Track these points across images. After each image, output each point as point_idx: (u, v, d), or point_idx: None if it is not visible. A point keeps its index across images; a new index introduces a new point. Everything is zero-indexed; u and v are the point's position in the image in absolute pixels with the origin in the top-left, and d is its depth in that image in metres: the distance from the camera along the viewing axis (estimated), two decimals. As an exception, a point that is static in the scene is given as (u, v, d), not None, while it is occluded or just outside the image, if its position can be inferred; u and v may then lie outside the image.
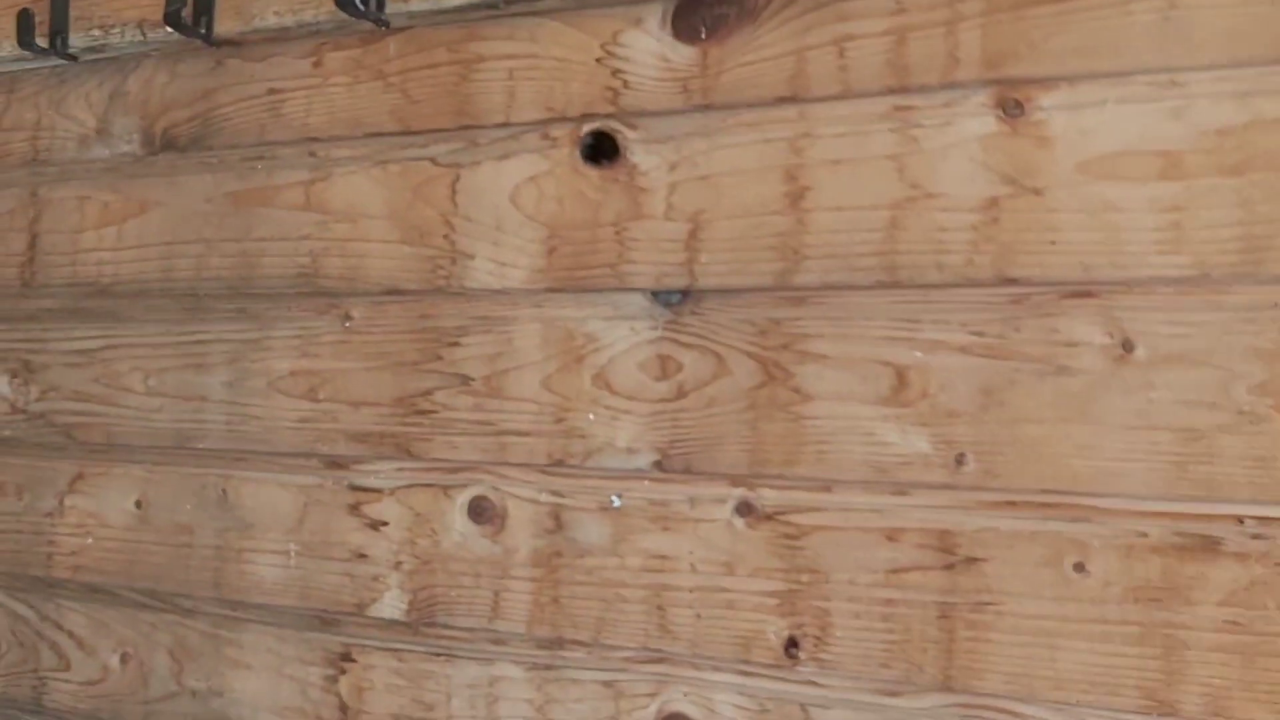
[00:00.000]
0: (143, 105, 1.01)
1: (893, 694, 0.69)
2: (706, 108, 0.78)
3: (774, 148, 0.75)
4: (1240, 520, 0.62)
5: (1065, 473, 0.66)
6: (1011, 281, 0.68)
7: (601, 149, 0.81)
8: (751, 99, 0.76)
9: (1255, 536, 0.62)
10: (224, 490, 0.94)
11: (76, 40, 1.01)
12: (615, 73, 0.81)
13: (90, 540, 1.00)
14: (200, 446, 0.95)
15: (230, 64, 0.97)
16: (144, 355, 0.99)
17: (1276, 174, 0.62)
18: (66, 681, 1.00)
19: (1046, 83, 0.68)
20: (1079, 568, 0.65)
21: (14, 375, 1.05)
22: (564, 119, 0.82)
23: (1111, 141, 0.66)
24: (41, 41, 1.01)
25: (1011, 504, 0.67)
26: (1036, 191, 0.68)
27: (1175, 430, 0.64)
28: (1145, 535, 0.64)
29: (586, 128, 0.81)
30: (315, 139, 0.92)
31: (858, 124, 0.73)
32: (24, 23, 1.01)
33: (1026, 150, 0.68)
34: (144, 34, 0.97)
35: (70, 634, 1.00)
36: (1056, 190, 0.67)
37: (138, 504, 0.98)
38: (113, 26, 0.99)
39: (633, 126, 0.80)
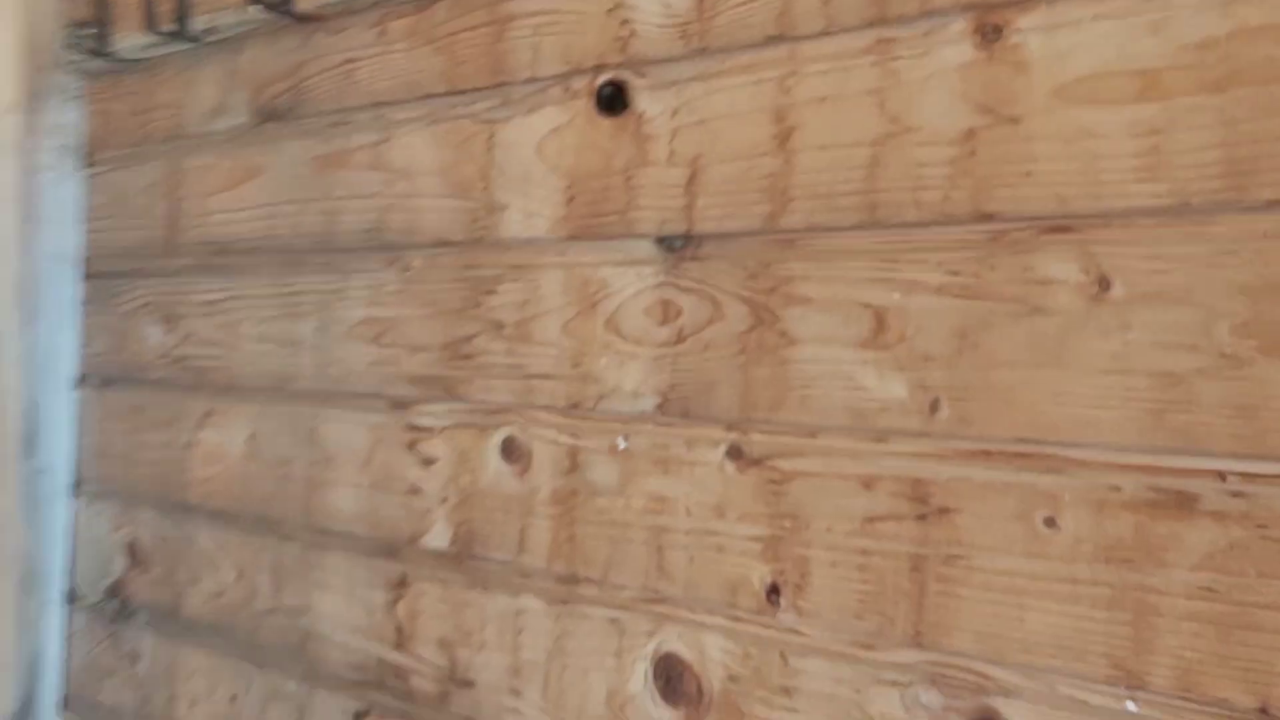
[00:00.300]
0: (250, 80, 1.09)
1: (867, 647, 0.67)
2: (703, 52, 0.76)
3: (764, 89, 0.73)
4: (1222, 476, 0.56)
5: (1039, 420, 0.61)
6: (988, 217, 0.63)
7: (617, 99, 0.81)
8: (744, 41, 0.74)
9: (1236, 494, 0.55)
10: (313, 428, 1.01)
11: (196, 24, 1.11)
12: (624, 22, 0.80)
13: (215, 470, 1.11)
14: (295, 388, 1.03)
15: (315, 38, 1.03)
16: (254, 306, 1.08)
17: (1262, 88, 0.54)
18: (198, 593, 1.12)
19: (1025, 4, 0.62)
20: (1050, 522, 0.61)
21: (163, 324, 1.18)
22: (580, 71, 0.83)
23: (1089, 63, 0.60)
24: (167, 27, 1.12)
25: (985, 453, 0.63)
26: (1013, 120, 0.62)
27: (1152, 375, 0.58)
28: (1118, 489, 0.59)
29: (599, 79, 0.82)
30: (382, 103, 0.97)
31: (841, 59, 0.69)
32: (150, 10, 1.12)
33: (1004, 77, 0.63)
34: (243, 14, 1.05)
35: (202, 552, 1.12)
36: (1033, 118, 0.62)
37: (250, 439, 1.08)
38: (220, 9, 1.08)
39: (640, 75, 0.79)
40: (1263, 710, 0.54)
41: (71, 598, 1.28)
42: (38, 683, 1.28)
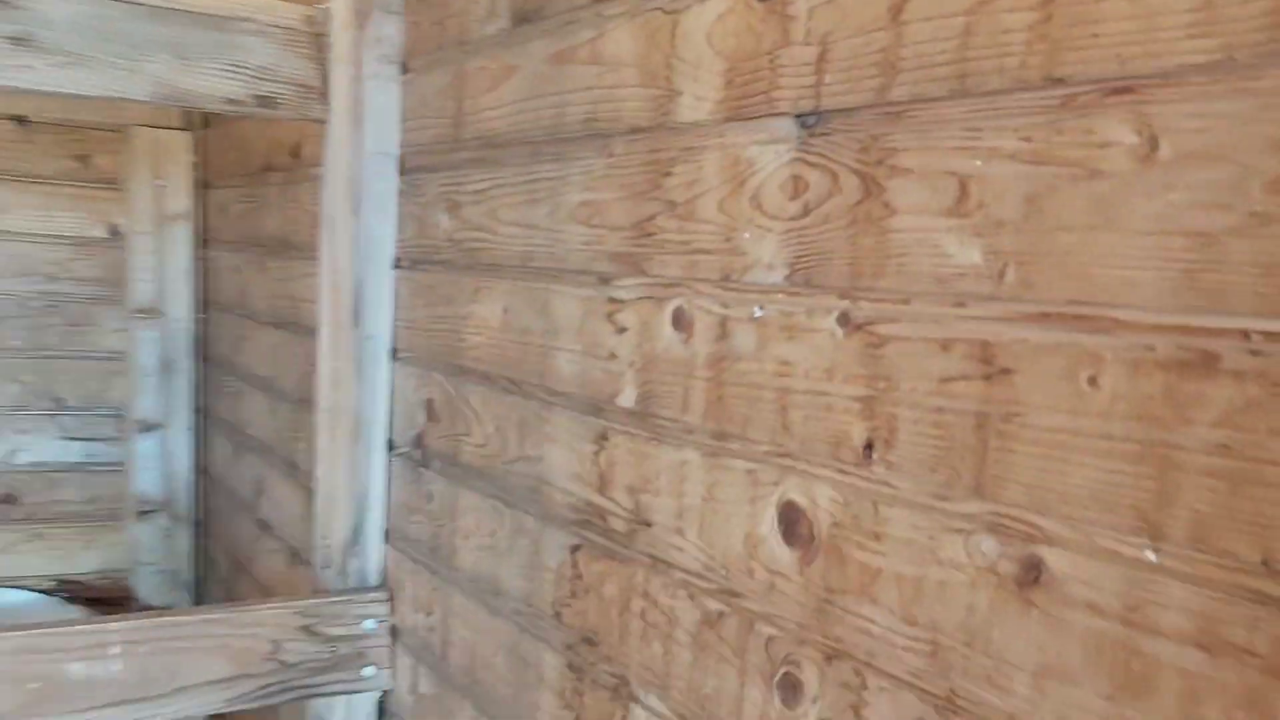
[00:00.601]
0: (508, -14, 1.28)
1: (941, 498, 0.74)
2: (836, -70, 0.83)
3: (881, -37, 0.79)
4: (1245, 335, 0.57)
5: (1090, 282, 0.65)
6: (1058, 82, 0.67)
7: (770, -17, 0.90)
8: (868, -84, 0.80)
9: (1255, 353, 0.57)
10: (545, 301, 1.20)
11: (470, -62, 1.31)
12: (776, -94, 0.88)
13: (480, 339, 1.34)
14: (533, 266, 1.23)
15: (555, -58, 1.19)
16: (508, 193, 1.28)
17: (1292, -71, 0.54)
18: (469, 443, 1.37)
19: None
20: (1092, 381, 0.65)
21: (448, 211, 1.42)
22: (742, -42, 0.92)
23: (1143, -86, 0.61)
24: (448, -56, 1.33)
25: (1042, 315, 0.68)
26: (1083, -20, 0.65)
27: (1188, 235, 0.60)
28: (1152, 349, 0.62)
29: (757, -36, 0.91)
30: (600, 1, 1.12)
31: (946, -72, 0.74)
32: (430, -69, 1.33)
33: (1076, -65, 0.65)
34: (496, -73, 1.23)
35: (472, 408, 1.36)
36: (1100, -24, 0.64)
37: (504, 311, 1.29)
38: (482, -76, 1.27)
39: (790, -43, 0.88)
40: (1264, 563, 0.56)
41: (390, 446, 1.59)
42: (365, 516, 1.61)
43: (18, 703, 1.40)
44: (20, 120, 2.55)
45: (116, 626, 1.49)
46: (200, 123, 2.70)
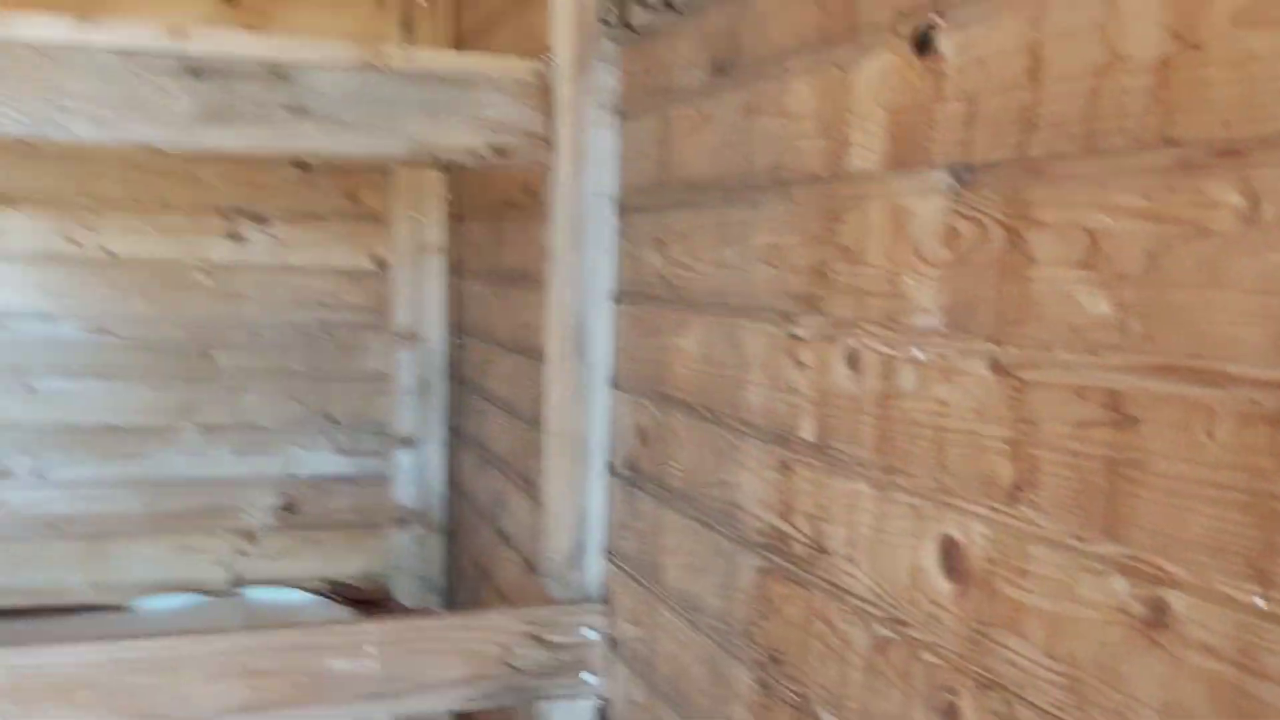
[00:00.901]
0: (710, 41, 1.39)
1: (1079, 538, 0.80)
2: (983, -7, 0.89)
3: (1022, 25, 0.85)
4: (1344, 393, 0.61)
5: (1203, 337, 0.69)
6: (1172, 143, 0.71)
7: (927, 42, 0.97)
8: (1009, -20, 0.86)
9: (1352, 411, 0.60)
10: (736, 336, 1.31)
11: (672, -4, 1.43)
12: (932, -30, 0.95)
13: (683, 370, 1.46)
14: (727, 303, 1.33)
15: (748, 2, 1.30)
16: (705, 234, 1.39)
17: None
18: (674, 467, 1.49)
19: (1201, -71, 0.68)
20: (1208, 433, 0.69)
21: (657, 250, 1.55)
22: (905, 16, 1.00)
23: (1246, -14, 0.65)
24: (654, 3, 1.46)
25: (1164, 367, 0.72)
26: (1196, 47, 0.69)
27: (1290, 295, 0.64)
28: (1258, 403, 0.65)
29: (917, 24, 0.98)
30: (783, 55, 1.21)
31: (1077, -7, 0.79)
32: (634, -8, 1.47)
33: (1194, 5, 0.70)
34: (692, -13, 1.35)
35: (676, 434, 1.48)
36: (1212, 45, 0.68)
37: (702, 344, 1.40)
38: (681, -17, 1.39)
39: (943, 18, 0.94)
40: (1357, 621, 0.60)
41: (609, 468, 1.74)
42: (586, 533, 1.76)
43: (288, 693, 1.63)
44: (302, 166, 2.89)
45: (371, 628, 1.70)
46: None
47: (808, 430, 1.15)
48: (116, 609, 2.86)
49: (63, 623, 2.79)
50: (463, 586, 2.87)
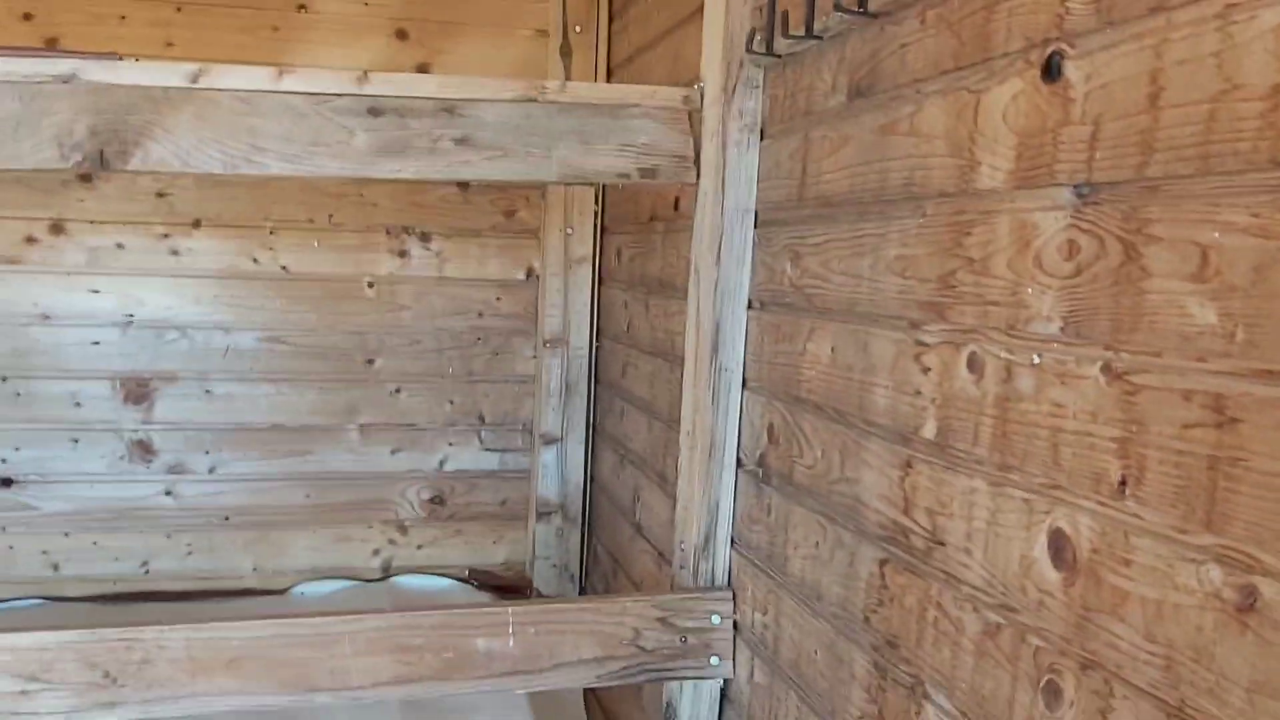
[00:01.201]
0: (848, 66, 1.46)
1: (1180, 530, 0.83)
2: (1110, 24, 0.94)
3: (1144, 55, 0.89)
4: None
5: (1305, 344, 0.73)
6: (1278, 165, 0.75)
7: (1055, 68, 1.02)
8: (1140, 11, 0.90)
9: None
10: (865, 342, 1.36)
11: (818, 26, 1.50)
12: (1063, 1, 1.00)
13: (813, 373, 1.52)
14: (857, 311, 1.39)
15: (886, 29, 1.36)
16: (839, 247, 1.45)
17: None
18: (801, 464, 1.55)
19: (1312, -32, 0.72)
20: (1305, 433, 0.72)
21: (792, 261, 1.61)
22: (1034, 45, 1.04)
23: (1350, 20, 0.69)
24: (797, 31, 1.53)
25: (1267, 372, 0.76)
26: (1304, 75, 0.73)
27: (1384, 304, 0.67)
28: (1353, 405, 0.69)
29: (1047, 51, 1.03)
30: (918, 80, 1.27)
31: (1198, 25, 0.83)
32: (788, 17, 1.54)
33: (1298, 36, 0.74)
34: (842, 16, 1.41)
35: (804, 433, 1.54)
36: (1317, 72, 0.72)
37: (832, 350, 1.46)
38: (830, 13, 1.46)
39: (1072, 46, 0.99)
40: None
41: (739, 464, 1.80)
42: (715, 524, 1.83)
43: (436, 668, 1.74)
44: (462, 186, 3.05)
45: (512, 610, 1.80)
46: (601, 177, 3.07)
47: (929, 430, 1.20)
48: (279, 594, 3.04)
49: (231, 605, 2.98)
50: (598, 576, 2.96)
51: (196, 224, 2.91)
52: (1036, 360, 1.01)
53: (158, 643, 1.59)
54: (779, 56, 1.66)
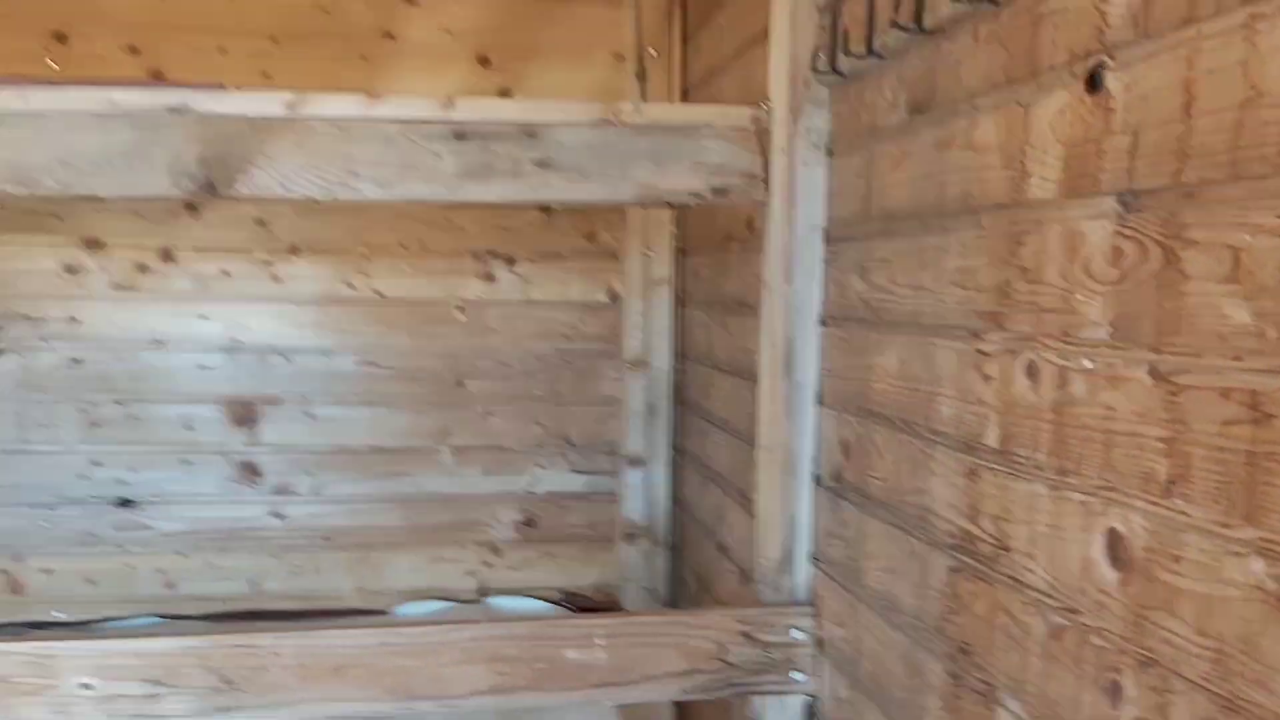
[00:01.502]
0: (907, 83, 1.51)
1: (1223, 525, 0.87)
2: (1146, 37, 0.98)
3: (1178, 65, 0.93)
4: None
5: (1331, 340, 0.77)
6: (1304, 167, 0.79)
7: (1098, 81, 1.06)
8: (1174, 22, 0.95)
9: None
10: (929, 353, 1.41)
11: (877, 44, 1.56)
12: (1103, 14, 1.05)
13: (882, 386, 1.57)
14: (921, 323, 1.44)
15: (942, 46, 1.41)
16: (902, 260, 1.50)
17: None
18: (874, 477, 1.59)
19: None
20: (1333, 425, 0.76)
21: (860, 276, 1.67)
22: (1076, 58, 1.09)
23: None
24: (858, 49, 1.59)
25: (1297, 368, 0.80)
26: (1321, 80, 0.77)
27: (1400, 299, 0.71)
28: (1376, 397, 0.73)
29: (1088, 64, 1.07)
30: (974, 95, 1.32)
31: (1226, 35, 0.88)
32: (851, 36, 1.60)
33: (1314, 43, 0.78)
34: (899, 34, 1.47)
35: (876, 446, 1.59)
36: (1332, 77, 0.76)
37: (900, 362, 1.51)
38: (888, 32, 1.51)
39: (1113, 58, 1.04)
40: None
41: (815, 479, 1.86)
42: (794, 540, 1.88)
43: (529, 678, 1.82)
44: (545, 210, 3.16)
45: (600, 623, 1.87)
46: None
47: (992, 438, 1.24)
48: (379, 613, 3.17)
49: (333, 623, 3.11)
50: (685, 597, 3.02)
51: (295, 250, 3.08)
52: (1089, 365, 1.05)
53: (272, 650, 1.71)
54: (843, 75, 1.72)
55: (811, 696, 1.83)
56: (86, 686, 1.68)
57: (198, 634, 1.73)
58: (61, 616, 2.97)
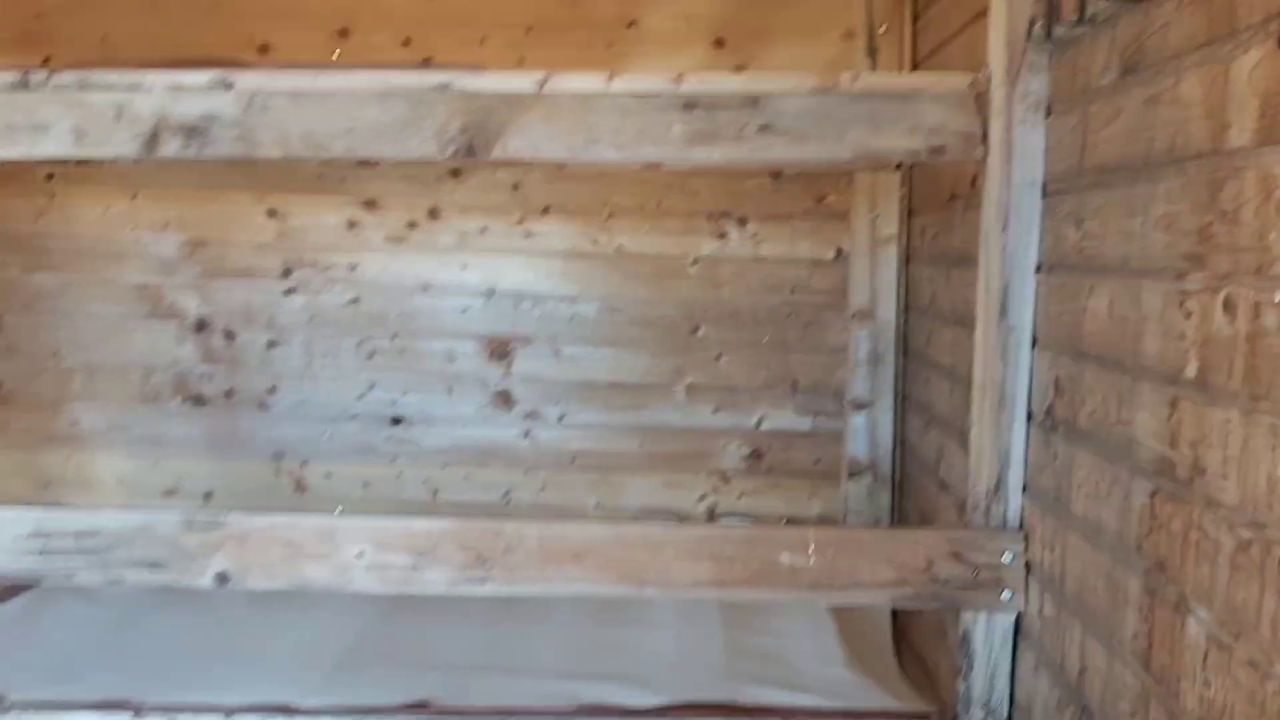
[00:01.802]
0: (1119, 46, 1.55)
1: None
2: (1337, -6, 1.02)
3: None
4: None
5: None
6: None
7: (1295, 35, 1.10)
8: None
9: None
10: (1137, 294, 1.46)
11: (1090, 11, 1.60)
12: (1298, -25, 1.08)
13: (1093, 327, 1.62)
14: (1130, 267, 1.48)
15: (1150, 12, 1.44)
16: (1114, 209, 1.55)
17: None
18: (1083, 412, 1.65)
19: None
20: None
21: (1075, 225, 1.71)
22: (1272, 17, 1.13)
23: None
24: (1071, 17, 1.63)
25: None
26: None
27: None
28: None
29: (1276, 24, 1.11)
30: (1180, 54, 1.35)
31: None
32: (1063, 5, 1.65)
33: None
34: (1106, 1, 1.51)
35: (1086, 383, 1.64)
36: None
37: (1109, 303, 1.56)
38: (1095, 1, 1.55)
39: (1308, 15, 1.07)
40: None
41: (1028, 416, 1.92)
42: (1006, 471, 1.95)
43: (744, 576, 1.97)
44: (774, 175, 3.28)
45: (814, 531, 2.01)
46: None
47: (1191, 370, 1.29)
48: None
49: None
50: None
51: (545, 210, 3.34)
52: (1278, 299, 1.10)
53: (518, 534, 1.96)
54: (1058, 42, 1.76)
55: (1019, 613, 1.91)
56: (361, 555, 1.96)
57: (455, 517, 2.00)
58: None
